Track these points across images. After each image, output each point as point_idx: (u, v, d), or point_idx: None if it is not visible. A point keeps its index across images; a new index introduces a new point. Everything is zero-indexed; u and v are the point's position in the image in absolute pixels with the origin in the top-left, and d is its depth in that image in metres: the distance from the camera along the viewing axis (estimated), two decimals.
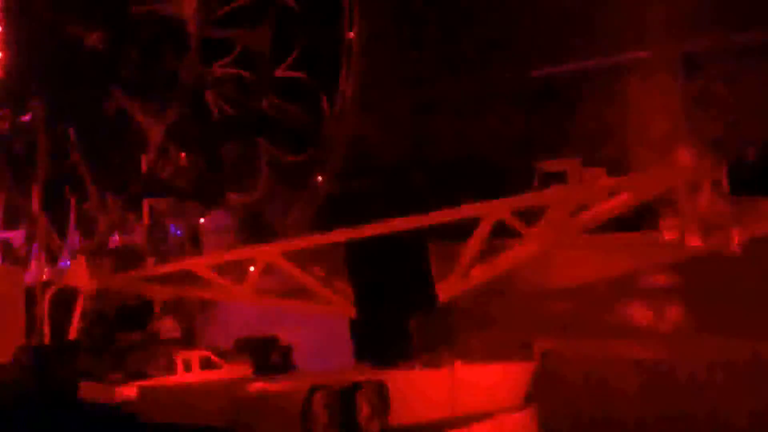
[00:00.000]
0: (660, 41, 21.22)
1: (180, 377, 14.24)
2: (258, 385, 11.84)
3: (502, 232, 17.51)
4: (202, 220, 20.88)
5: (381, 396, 12.68)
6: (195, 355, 14.81)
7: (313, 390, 11.96)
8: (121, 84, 20.12)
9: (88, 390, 14.08)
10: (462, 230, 14.70)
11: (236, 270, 15.80)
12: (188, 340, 18.88)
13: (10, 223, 21.54)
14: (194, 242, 21.48)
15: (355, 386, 12.46)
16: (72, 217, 21.63)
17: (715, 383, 14.09)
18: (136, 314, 20.20)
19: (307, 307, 15.36)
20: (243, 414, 11.44)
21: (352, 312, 14.62)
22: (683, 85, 21.22)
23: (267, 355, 16.19)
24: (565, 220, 14.35)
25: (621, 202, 14.27)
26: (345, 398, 12.28)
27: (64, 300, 21.02)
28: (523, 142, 22.86)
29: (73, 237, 21.53)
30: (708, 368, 14.25)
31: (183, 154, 20.28)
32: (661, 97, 21.39)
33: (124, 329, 20.06)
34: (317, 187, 21.79)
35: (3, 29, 19.21)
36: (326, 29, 22.29)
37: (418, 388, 13.43)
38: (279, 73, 21.70)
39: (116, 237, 21.58)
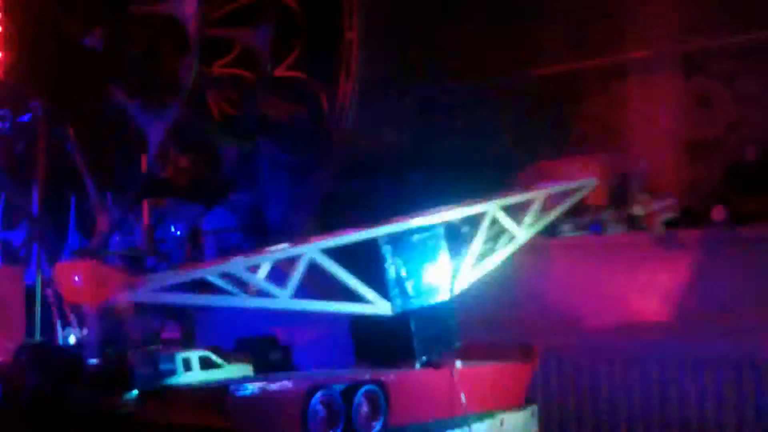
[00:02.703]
0: (660, 41, 21.25)
1: (180, 377, 14.22)
2: (258, 385, 11.80)
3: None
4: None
5: (381, 396, 12.67)
6: (195, 355, 14.77)
7: (313, 390, 11.94)
8: (121, 84, 20.12)
9: (88, 390, 14.06)
10: None
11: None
12: (188, 340, 18.90)
13: (10, 223, 21.55)
14: (194, 242, 21.50)
15: (355, 386, 12.45)
16: (72, 217, 21.64)
17: (713, 383, 14.10)
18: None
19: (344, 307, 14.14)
20: (242, 414, 11.41)
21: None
22: (683, 85, 21.26)
23: (267, 355, 16.18)
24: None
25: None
26: (345, 398, 12.27)
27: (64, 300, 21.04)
28: (523, 142, 22.88)
29: (73, 237, 21.53)
30: (707, 368, 14.25)
31: (183, 155, 20.30)
32: (661, 97, 21.43)
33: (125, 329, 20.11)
34: (317, 187, 21.79)
35: (3, 29, 19.20)
36: (326, 29, 22.29)
37: (418, 388, 13.42)
38: (279, 73, 21.70)
39: (116, 237, 21.61)
